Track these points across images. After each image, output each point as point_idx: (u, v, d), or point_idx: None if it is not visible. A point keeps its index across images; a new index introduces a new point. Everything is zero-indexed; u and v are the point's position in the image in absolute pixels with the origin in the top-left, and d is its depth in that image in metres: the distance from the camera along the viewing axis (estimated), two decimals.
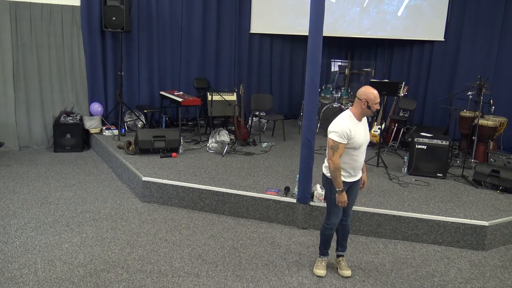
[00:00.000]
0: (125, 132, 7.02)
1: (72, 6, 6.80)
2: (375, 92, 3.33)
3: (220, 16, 8.21)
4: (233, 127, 7.02)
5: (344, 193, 3.39)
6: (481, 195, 4.99)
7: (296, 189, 4.57)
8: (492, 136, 6.28)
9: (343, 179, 3.42)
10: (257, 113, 7.80)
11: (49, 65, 6.84)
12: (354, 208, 4.39)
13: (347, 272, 3.68)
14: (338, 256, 3.78)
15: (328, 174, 3.48)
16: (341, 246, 3.76)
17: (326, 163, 3.51)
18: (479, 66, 7.42)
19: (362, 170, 3.61)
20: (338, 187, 3.38)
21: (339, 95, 7.97)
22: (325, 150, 3.50)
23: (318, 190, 4.47)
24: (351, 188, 3.55)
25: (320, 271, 3.68)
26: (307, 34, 4.22)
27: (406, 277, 3.68)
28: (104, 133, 6.98)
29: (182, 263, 3.73)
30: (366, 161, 5.83)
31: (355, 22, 8.26)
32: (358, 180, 3.59)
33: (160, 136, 6.06)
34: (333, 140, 3.33)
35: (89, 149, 7.09)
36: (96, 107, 7.15)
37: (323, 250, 3.72)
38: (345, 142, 3.32)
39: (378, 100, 3.35)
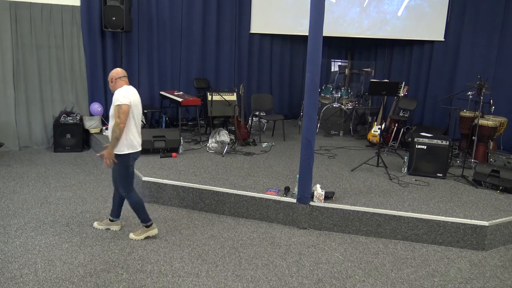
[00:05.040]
0: None
1: (72, 6, 6.81)
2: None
3: (220, 16, 8.21)
4: (233, 127, 7.02)
5: None
6: (481, 195, 4.98)
7: (296, 189, 4.57)
8: (492, 136, 6.27)
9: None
10: (257, 113, 7.79)
11: (49, 65, 6.84)
12: (354, 208, 4.42)
13: (116, 227, 4.24)
14: (111, 220, 4.25)
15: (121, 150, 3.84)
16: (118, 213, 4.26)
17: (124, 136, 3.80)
18: (479, 66, 7.41)
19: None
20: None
21: (339, 95, 7.96)
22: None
23: (318, 190, 4.47)
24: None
25: (153, 231, 4.12)
26: (307, 34, 4.22)
27: (406, 277, 3.68)
28: (104, 133, 6.98)
29: (182, 263, 3.73)
30: (366, 161, 5.88)
31: (355, 22, 8.26)
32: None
33: (160, 136, 6.06)
34: None
35: (89, 149, 7.09)
36: (96, 107, 7.15)
37: (146, 216, 4.08)
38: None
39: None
